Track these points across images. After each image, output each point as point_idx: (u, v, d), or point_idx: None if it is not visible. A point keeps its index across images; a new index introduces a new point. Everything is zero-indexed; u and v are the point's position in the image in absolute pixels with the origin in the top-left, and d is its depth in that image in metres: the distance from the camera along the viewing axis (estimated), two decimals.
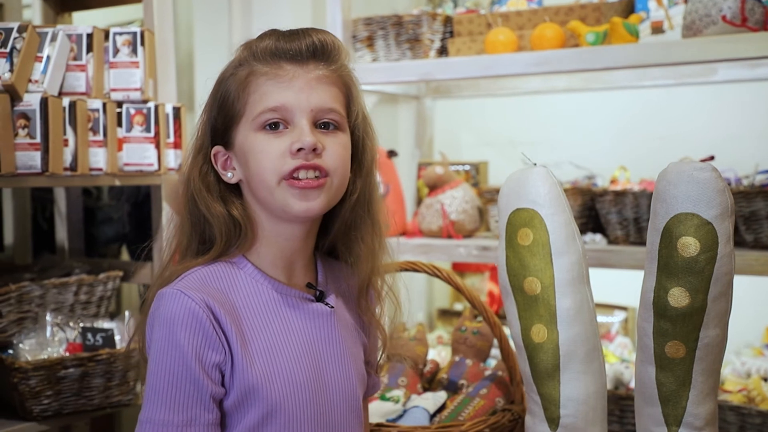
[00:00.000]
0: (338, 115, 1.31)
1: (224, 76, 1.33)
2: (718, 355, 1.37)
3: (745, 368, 2.34)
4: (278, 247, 1.34)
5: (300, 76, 1.29)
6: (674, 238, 1.31)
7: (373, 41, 2.68)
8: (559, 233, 1.45)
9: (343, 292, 1.43)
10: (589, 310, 1.47)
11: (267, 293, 1.32)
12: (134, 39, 2.22)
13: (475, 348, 2.07)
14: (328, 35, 1.33)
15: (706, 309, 1.32)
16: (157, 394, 1.22)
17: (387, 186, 2.67)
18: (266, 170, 1.27)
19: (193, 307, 1.22)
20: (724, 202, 1.30)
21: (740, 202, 2.13)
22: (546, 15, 2.47)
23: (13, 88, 1.94)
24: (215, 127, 1.33)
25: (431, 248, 2.55)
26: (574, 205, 2.40)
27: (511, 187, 1.50)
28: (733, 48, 2.09)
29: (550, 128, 2.98)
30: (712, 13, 2.12)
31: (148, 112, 2.22)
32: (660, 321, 1.35)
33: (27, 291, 2.10)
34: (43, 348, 2.07)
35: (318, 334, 1.35)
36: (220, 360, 1.24)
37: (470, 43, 2.56)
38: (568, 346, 1.44)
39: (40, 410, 2.02)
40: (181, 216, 1.36)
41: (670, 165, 1.34)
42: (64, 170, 2.05)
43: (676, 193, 1.31)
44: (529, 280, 1.46)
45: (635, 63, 2.25)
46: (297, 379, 1.29)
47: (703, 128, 2.70)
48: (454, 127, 3.24)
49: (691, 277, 1.31)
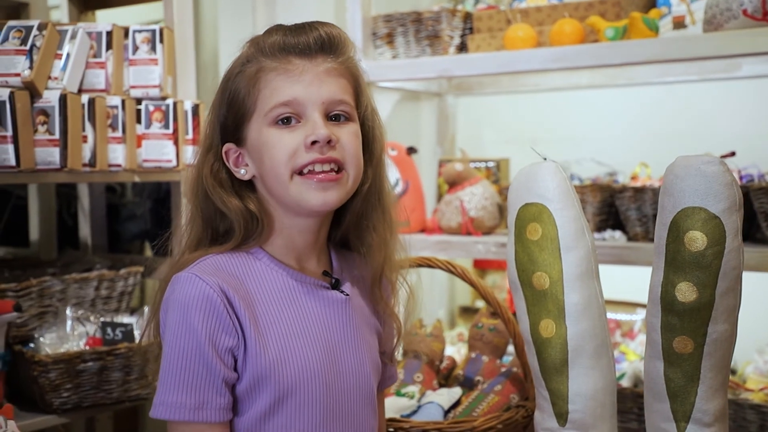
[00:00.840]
0: (348, 107, 1.33)
1: (231, 73, 1.34)
2: (727, 351, 1.35)
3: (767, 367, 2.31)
4: (292, 239, 1.35)
5: (309, 70, 1.29)
6: (681, 232, 1.30)
7: (393, 38, 2.69)
8: (567, 228, 1.44)
9: (358, 281, 1.44)
10: (598, 306, 1.46)
11: (282, 280, 1.33)
12: (153, 37, 2.26)
13: (491, 345, 2.07)
14: (334, 28, 1.34)
15: (714, 304, 1.30)
16: (171, 377, 1.24)
17: (407, 183, 2.67)
18: (281, 164, 1.28)
19: (208, 291, 1.23)
20: (732, 196, 1.29)
21: (761, 198, 2.11)
22: (565, 10, 2.46)
23: (32, 85, 1.98)
24: (225, 125, 1.34)
25: (450, 245, 2.55)
26: (594, 201, 2.38)
27: (521, 181, 1.50)
28: (754, 42, 2.07)
29: (572, 125, 2.97)
30: (733, 7, 2.09)
31: (166, 108, 2.25)
32: (668, 316, 1.34)
33: (48, 286, 2.14)
34: (63, 342, 2.11)
35: (333, 321, 1.36)
36: (234, 344, 1.25)
37: (490, 40, 2.56)
38: (577, 342, 1.44)
39: (60, 403, 2.05)
40: (192, 212, 1.38)
41: (678, 158, 1.33)
42: (83, 166, 2.10)
43: (683, 186, 1.30)
44: (538, 275, 1.45)
45: (654, 58, 2.23)
46: (310, 364, 1.30)
47: (726, 124, 2.68)
48: (476, 124, 3.24)
49: (699, 272, 1.30)
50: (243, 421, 1.29)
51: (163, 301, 1.30)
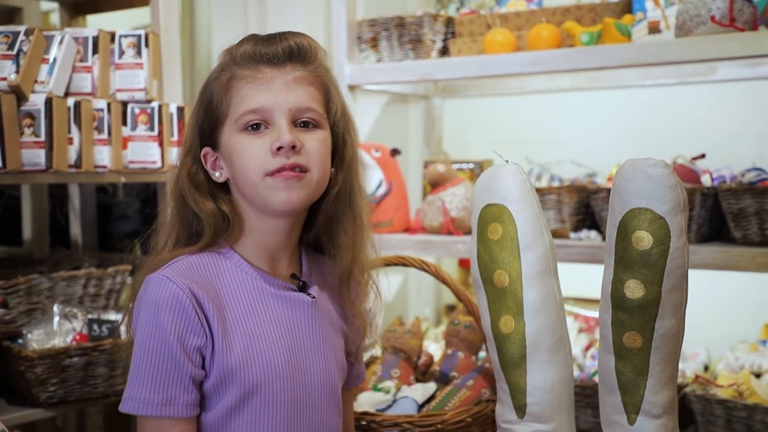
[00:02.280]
0: (316, 113, 1.37)
1: (209, 80, 1.40)
2: (675, 346, 1.40)
3: (738, 363, 2.36)
4: (263, 240, 1.41)
5: (277, 78, 1.35)
6: (629, 232, 1.35)
7: (378, 42, 2.75)
8: (526, 228, 1.49)
9: (327, 284, 1.50)
10: (555, 303, 1.51)
11: (251, 282, 1.39)
12: (139, 41, 2.32)
13: (467, 341, 2.12)
14: (305, 38, 1.39)
15: (660, 300, 1.35)
16: (140, 373, 1.30)
17: (390, 183, 2.73)
18: (250, 169, 1.34)
19: (178, 293, 1.29)
20: (676, 198, 1.34)
21: (729, 199, 2.16)
22: (543, 16, 2.52)
23: (18, 89, 2.03)
24: (203, 129, 1.40)
25: (431, 244, 2.60)
26: (570, 202, 2.44)
27: (483, 183, 1.55)
28: (722, 47, 2.13)
29: (554, 127, 3.02)
30: (701, 13, 2.15)
31: (152, 111, 2.31)
32: (617, 312, 1.39)
33: (36, 283, 2.19)
34: (50, 338, 2.15)
35: (299, 323, 1.41)
36: (201, 344, 1.31)
37: (471, 44, 2.62)
38: (534, 337, 1.49)
39: (46, 397, 2.11)
40: (171, 212, 1.44)
41: (626, 161, 1.38)
42: (69, 167, 2.15)
43: (630, 188, 1.35)
44: (498, 273, 1.50)
45: (627, 62, 2.29)
46: (275, 363, 1.36)
47: (702, 126, 2.73)
48: (461, 126, 3.29)
49: (645, 270, 1.35)
50: (210, 416, 1.35)
51: (136, 300, 1.35)
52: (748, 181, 2.20)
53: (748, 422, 2.09)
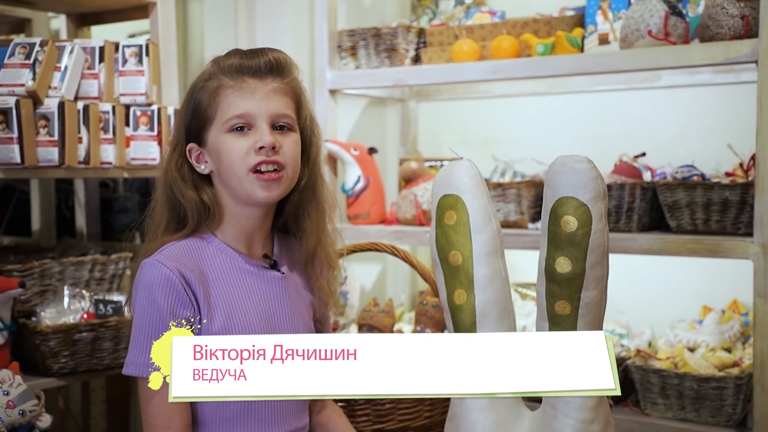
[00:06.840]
0: (290, 119, 1.61)
1: (196, 86, 1.62)
2: (598, 313, 1.63)
3: (677, 339, 2.62)
4: (241, 225, 1.64)
5: (260, 88, 1.58)
6: (558, 216, 1.58)
7: (356, 50, 3.00)
8: (477, 215, 1.73)
9: (295, 261, 1.74)
10: (501, 278, 1.75)
11: (231, 262, 1.62)
12: (140, 51, 2.55)
13: (434, 319, 2.36)
14: (281, 54, 1.63)
15: (585, 274, 1.58)
16: (139, 342, 1.53)
17: (368, 179, 2.98)
18: (236, 163, 1.56)
19: (169, 274, 1.52)
20: (596, 188, 1.58)
21: (665, 192, 2.43)
22: (504, 28, 2.78)
23: (35, 94, 2.26)
24: (189, 128, 1.62)
25: (405, 234, 2.86)
26: (529, 195, 2.70)
27: (442, 176, 1.79)
28: (658, 59, 2.39)
29: (518, 128, 3.25)
30: (641, 28, 2.42)
31: (152, 113, 2.54)
32: (550, 284, 1.62)
33: (48, 267, 2.41)
34: (61, 316, 2.38)
35: (271, 296, 1.66)
36: (190, 315, 1.53)
37: (440, 53, 2.88)
38: (483, 307, 1.71)
39: (59, 368, 2.33)
40: (160, 201, 1.65)
41: (557, 158, 1.63)
42: (79, 164, 2.37)
43: (559, 180, 1.60)
44: (453, 253, 1.73)
45: (577, 71, 2.56)
46: (251, 329, 1.59)
47: (649, 128, 2.98)
48: (435, 128, 3.52)
49: (572, 249, 1.58)
50: None
51: (134, 281, 1.58)
52: (682, 176, 2.46)
53: (679, 388, 2.36)
